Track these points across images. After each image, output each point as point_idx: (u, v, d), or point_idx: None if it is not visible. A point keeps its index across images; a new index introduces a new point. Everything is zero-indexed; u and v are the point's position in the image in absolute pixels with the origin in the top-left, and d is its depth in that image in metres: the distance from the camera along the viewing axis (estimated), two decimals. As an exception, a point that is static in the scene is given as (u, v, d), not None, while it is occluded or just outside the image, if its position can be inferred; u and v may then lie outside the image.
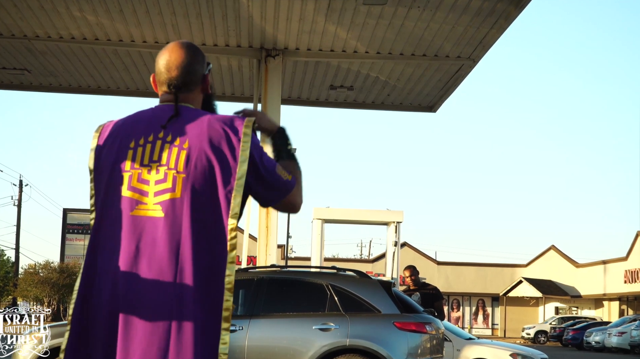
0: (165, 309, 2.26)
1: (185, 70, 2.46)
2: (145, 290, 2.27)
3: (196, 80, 2.50)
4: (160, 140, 2.40)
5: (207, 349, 2.27)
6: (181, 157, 2.36)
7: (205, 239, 2.32)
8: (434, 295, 10.92)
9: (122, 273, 2.30)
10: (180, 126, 2.41)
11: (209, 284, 2.30)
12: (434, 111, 15.17)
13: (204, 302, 2.28)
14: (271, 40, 11.81)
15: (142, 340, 2.26)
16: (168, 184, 2.35)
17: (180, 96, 2.48)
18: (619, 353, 31.55)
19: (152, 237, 2.32)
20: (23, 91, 15.24)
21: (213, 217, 2.34)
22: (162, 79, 2.49)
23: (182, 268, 2.28)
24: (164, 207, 2.33)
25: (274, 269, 9.07)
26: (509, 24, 10.85)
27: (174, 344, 2.24)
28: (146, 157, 2.40)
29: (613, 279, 43.62)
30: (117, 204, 2.39)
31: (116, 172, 2.41)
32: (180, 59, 2.47)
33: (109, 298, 2.30)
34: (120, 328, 2.28)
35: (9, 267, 53.01)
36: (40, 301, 40.27)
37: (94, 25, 11.38)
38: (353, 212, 19.25)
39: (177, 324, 2.25)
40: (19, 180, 46.19)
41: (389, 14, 10.64)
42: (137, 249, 2.31)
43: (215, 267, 2.32)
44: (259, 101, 12.45)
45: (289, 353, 7.93)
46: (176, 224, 2.31)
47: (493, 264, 51.76)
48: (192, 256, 2.29)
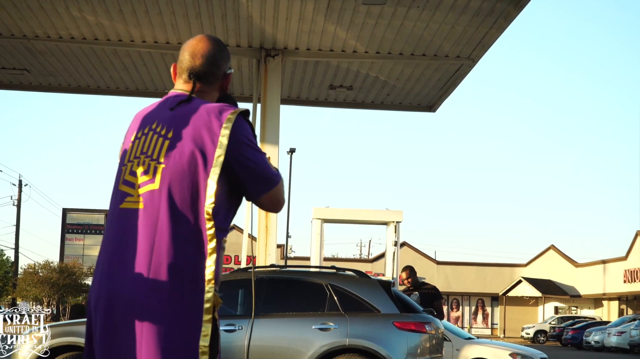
0: (138, 304, 2.23)
1: (210, 61, 2.44)
2: (121, 284, 2.26)
3: (218, 74, 2.48)
4: (152, 131, 2.39)
5: (181, 343, 2.23)
6: (163, 147, 2.34)
7: (183, 230, 2.28)
8: (433, 295, 10.92)
9: (105, 267, 2.31)
10: (173, 117, 2.39)
11: (186, 277, 2.26)
12: (433, 110, 15.18)
13: (180, 294, 2.25)
14: (270, 40, 11.81)
15: (119, 336, 2.25)
16: (149, 175, 2.34)
17: (198, 86, 2.45)
18: (618, 353, 31.54)
19: (133, 230, 2.31)
20: (23, 90, 15.23)
21: (192, 208, 2.30)
22: (184, 66, 2.46)
23: (158, 261, 2.25)
24: (144, 199, 2.32)
25: (274, 269, 9.07)
26: (509, 24, 10.85)
27: (146, 341, 2.22)
28: (139, 150, 2.40)
29: (612, 279, 43.63)
30: (114, 198, 2.42)
31: (120, 166, 2.44)
32: (207, 48, 2.45)
33: (95, 294, 2.31)
34: (102, 323, 2.28)
35: (9, 267, 52.99)
36: (40, 301, 40.24)
37: (94, 26, 11.38)
38: (352, 212, 19.23)
39: (151, 319, 2.22)
40: (19, 180, 46.18)
41: (388, 14, 10.64)
42: (120, 243, 2.32)
43: (194, 259, 2.28)
44: (258, 101, 12.46)
45: (288, 353, 7.93)
46: (154, 216, 2.29)
47: (492, 263, 51.78)
48: (167, 249, 2.26)
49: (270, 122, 12.23)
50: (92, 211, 50.71)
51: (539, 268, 50.19)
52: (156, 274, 2.24)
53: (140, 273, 2.25)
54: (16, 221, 45.35)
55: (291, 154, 32.72)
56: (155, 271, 2.25)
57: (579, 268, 48.42)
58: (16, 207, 45.54)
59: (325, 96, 14.74)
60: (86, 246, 49.67)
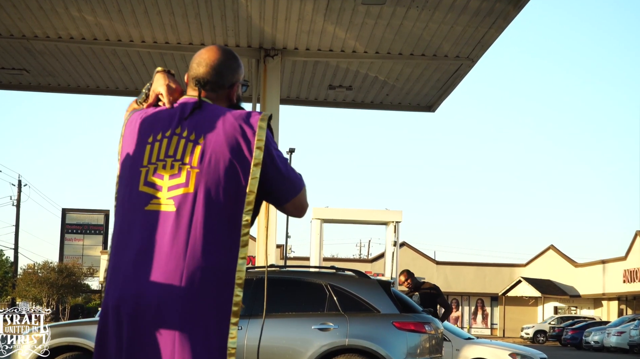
0: (170, 306, 2.24)
1: (214, 70, 2.49)
2: (152, 286, 2.26)
3: (222, 83, 2.51)
4: (177, 135, 2.41)
5: (213, 345, 2.27)
6: (196, 152, 2.36)
7: (220, 235, 2.31)
8: (434, 294, 10.94)
9: (130, 268, 2.30)
10: (197, 121, 2.41)
11: (219, 280, 2.29)
12: (432, 110, 15.18)
13: (213, 298, 2.28)
14: (270, 40, 11.82)
15: (148, 338, 2.25)
16: (182, 179, 2.35)
17: (204, 93, 2.49)
18: (617, 353, 31.55)
19: (163, 232, 2.31)
20: (22, 91, 15.24)
21: (227, 213, 2.33)
22: (192, 74, 2.52)
23: (191, 264, 2.27)
24: (176, 202, 2.33)
25: (273, 269, 9.07)
26: (508, 24, 10.86)
27: (179, 342, 2.23)
28: (162, 153, 2.40)
29: (612, 279, 43.63)
30: (134, 200, 2.40)
31: (134, 168, 2.43)
32: (212, 58, 2.50)
33: (118, 294, 2.30)
34: (129, 325, 2.27)
35: (8, 267, 52.96)
36: (39, 301, 40.25)
37: (93, 26, 11.38)
38: (352, 212, 19.25)
39: (183, 321, 2.24)
40: (18, 180, 46.16)
41: (387, 14, 10.64)
42: (147, 245, 2.31)
43: (227, 263, 2.31)
44: (257, 101, 12.46)
45: (288, 353, 7.93)
46: (188, 219, 2.31)
47: (492, 263, 51.79)
48: (202, 252, 2.28)
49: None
50: (91, 211, 50.76)
51: (538, 268, 50.20)
52: (190, 277, 2.26)
53: (172, 275, 2.26)
54: (16, 221, 45.34)
55: (291, 154, 32.78)
56: (189, 275, 2.26)
57: (578, 268, 48.43)
58: (16, 208, 45.55)
59: (325, 95, 14.74)
60: (86, 246, 49.70)
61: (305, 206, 2.52)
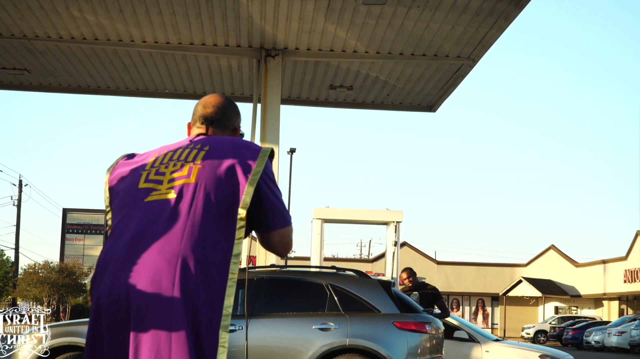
0: (164, 293, 2.24)
1: (221, 110, 2.68)
2: (142, 276, 2.26)
3: (228, 124, 2.69)
4: (190, 148, 2.55)
5: (206, 331, 2.28)
6: (199, 154, 2.49)
7: (216, 224, 2.36)
8: (434, 295, 10.92)
9: (122, 256, 2.32)
10: (209, 138, 2.57)
11: (214, 268, 2.32)
12: (433, 110, 15.18)
13: (207, 285, 2.29)
14: (271, 40, 11.82)
15: (144, 325, 2.25)
16: (184, 172, 2.44)
17: (211, 130, 2.66)
18: (618, 353, 31.55)
19: (161, 217, 2.36)
20: (23, 91, 15.25)
21: (227, 206, 2.39)
22: (197, 115, 2.69)
23: (187, 249, 2.29)
24: (177, 190, 2.41)
25: (274, 269, 9.07)
26: (509, 24, 10.86)
27: (175, 327, 2.23)
28: (167, 157, 2.54)
29: (613, 279, 43.63)
30: (136, 195, 2.46)
31: (136, 172, 2.53)
32: (218, 101, 2.71)
33: (109, 283, 2.31)
34: (117, 312, 2.28)
35: (9, 267, 52.98)
36: (40, 301, 40.25)
37: (94, 25, 11.39)
38: (353, 212, 19.22)
39: (177, 307, 2.23)
40: (19, 180, 46.15)
41: (388, 14, 10.65)
42: (144, 230, 2.34)
43: (223, 255, 2.34)
44: (258, 101, 12.46)
45: (288, 353, 7.93)
46: (188, 204, 2.37)
47: (493, 263, 51.78)
48: (199, 238, 2.31)
49: (270, 122, 12.23)
50: (92, 211, 50.71)
51: (539, 268, 50.20)
52: (184, 263, 2.27)
53: (165, 261, 2.27)
54: (16, 221, 45.36)
55: (291, 154, 32.73)
56: (184, 260, 2.27)
57: (579, 268, 48.43)
58: (16, 207, 45.55)
59: (326, 95, 14.75)
60: (86, 246, 49.68)
61: (290, 243, 2.57)
